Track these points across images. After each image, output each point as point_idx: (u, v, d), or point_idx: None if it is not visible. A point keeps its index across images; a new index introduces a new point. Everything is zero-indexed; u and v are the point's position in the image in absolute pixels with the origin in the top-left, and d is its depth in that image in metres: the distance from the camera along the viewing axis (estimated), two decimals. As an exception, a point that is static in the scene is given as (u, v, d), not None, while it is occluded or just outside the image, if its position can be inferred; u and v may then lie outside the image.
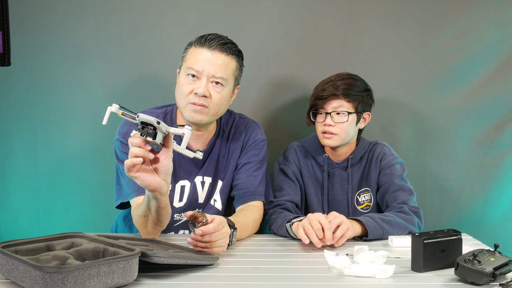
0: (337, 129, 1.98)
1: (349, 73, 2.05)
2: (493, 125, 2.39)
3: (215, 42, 1.80)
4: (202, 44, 1.81)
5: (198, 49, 1.81)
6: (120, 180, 1.84)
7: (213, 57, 1.79)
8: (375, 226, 1.75)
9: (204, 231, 1.49)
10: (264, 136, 1.99)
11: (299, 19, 2.37)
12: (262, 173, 1.94)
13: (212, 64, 1.79)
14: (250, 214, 1.84)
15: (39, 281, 1.17)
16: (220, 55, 1.80)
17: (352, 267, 1.41)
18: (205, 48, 1.80)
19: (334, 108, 1.98)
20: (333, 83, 1.99)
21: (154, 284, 1.32)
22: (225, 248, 1.57)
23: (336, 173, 2.07)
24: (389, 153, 2.06)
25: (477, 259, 1.32)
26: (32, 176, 2.34)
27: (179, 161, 1.89)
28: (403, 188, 1.97)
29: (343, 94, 1.97)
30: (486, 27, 2.37)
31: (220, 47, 1.81)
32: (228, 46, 1.82)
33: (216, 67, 1.79)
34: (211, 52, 1.80)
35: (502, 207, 2.40)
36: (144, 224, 1.67)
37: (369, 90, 2.05)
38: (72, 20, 2.31)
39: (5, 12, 1.55)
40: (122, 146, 1.83)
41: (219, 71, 1.80)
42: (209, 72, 1.78)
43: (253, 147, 1.95)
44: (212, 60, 1.79)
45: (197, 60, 1.79)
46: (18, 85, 2.31)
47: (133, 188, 1.79)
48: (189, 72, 1.80)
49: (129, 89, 2.34)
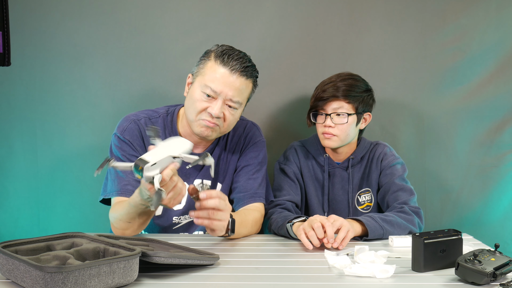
0: (337, 130, 1.98)
1: (350, 73, 2.04)
2: (493, 125, 2.39)
3: (238, 65, 1.75)
4: (224, 63, 1.75)
5: (219, 67, 1.76)
6: (108, 176, 1.85)
7: (233, 80, 1.75)
8: (375, 226, 1.75)
9: (208, 194, 1.51)
10: (263, 137, 1.99)
11: (299, 19, 2.37)
12: (262, 175, 1.94)
13: (231, 87, 1.75)
14: (249, 212, 1.84)
15: (40, 281, 1.17)
16: (241, 79, 1.76)
17: (353, 267, 1.41)
18: (226, 68, 1.75)
19: (334, 110, 1.97)
20: (334, 84, 1.98)
21: (154, 284, 1.32)
22: (225, 225, 1.59)
23: (337, 173, 2.07)
24: (389, 154, 2.06)
25: (477, 259, 1.32)
26: (32, 176, 2.34)
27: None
28: (403, 189, 1.97)
29: (343, 95, 1.96)
30: (486, 27, 2.37)
31: (242, 70, 1.76)
32: (249, 70, 1.78)
33: (234, 91, 1.76)
34: (232, 74, 1.75)
35: (502, 207, 2.40)
36: (124, 227, 1.70)
37: (370, 90, 2.04)
38: (72, 20, 2.31)
39: (5, 12, 1.55)
40: (118, 142, 1.83)
41: (237, 95, 1.77)
42: (227, 95, 1.75)
43: (252, 149, 1.94)
44: (231, 83, 1.75)
45: (216, 80, 1.74)
46: (18, 85, 2.31)
47: (117, 187, 1.79)
48: (205, 90, 1.75)
49: (129, 89, 2.33)
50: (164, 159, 1.43)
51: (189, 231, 1.94)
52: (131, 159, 1.81)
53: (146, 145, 1.85)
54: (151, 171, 1.41)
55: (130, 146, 1.83)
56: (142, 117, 1.88)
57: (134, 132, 1.84)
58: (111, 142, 1.86)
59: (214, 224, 1.55)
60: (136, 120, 1.86)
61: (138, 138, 1.84)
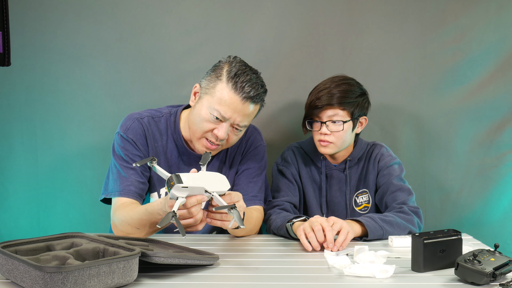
0: (333, 137, 1.96)
1: (344, 77, 2.00)
2: (493, 125, 2.39)
3: (251, 93, 1.72)
4: (237, 90, 1.71)
5: (230, 92, 1.72)
6: (109, 174, 1.84)
7: (243, 107, 1.73)
8: (375, 227, 1.75)
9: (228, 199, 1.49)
10: (264, 142, 1.99)
11: (299, 19, 2.36)
12: (262, 179, 1.94)
13: (240, 114, 1.73)
14: (252, 211, 1.85)
15: (39, 281, 1.17)
16: (250, 105, 1.74)
17: (352, 267, 1.41)
18: (238, 95, 1.71)
19: (329, 117, 1.95)
20: (328, 91, 1.94)
21: (154, 284, 1.32)
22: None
23: (334, 174, 2.07)
24: (386, 154, 2.05)
25: (477, 259, 1.32)
26: (32, 176, 2.34)
27: (178, 164, 1.88)
28: (402, 188, 1.97)
29: (338, 102, 1.93)
30: (486, 27, 2.36)
31: (253, 97, 1.73)
32: (260, 96, 1.75)
33: (243, 117, 1.75)
34: (242, 102, 1.72)
35: (502, 207, 2.40)
36: (130, 232, 1.69)
37: (365, 94, 2.01)
38: (72, 20, 2.31)
39: (5, 12, 1.55)
40: (122, 141, 1.82)
41: (245, 120, 1.76)
42: (236, 120, 1.74)
43: (253, 153, 1.94)
44: (241, 110, 1.73)
45: (226, 106, 1.72)
46: (18, 85, 2.31)
47: (119, 187, 1.78)
48: (214, 113, 1.73)
49: (129, 89, 2.33)
50: (197, 188, 1.42)
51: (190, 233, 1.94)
52: (134, 158, 1.81)
53: (149, 144, 1.85)
54: (178, 191, 1.40)
55: (133, 145, 1.83)
56: (146, 116, 1.88)
57: (138, 131, 1.84)
58: (113, 141, 1.85)
59: (225, 224, 1.54)
60: (139, 118, 1.86)
61: (141, 137, 1.84)
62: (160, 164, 1.85)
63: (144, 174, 1.83)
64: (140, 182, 1.81)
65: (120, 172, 1.80)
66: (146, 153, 1.84)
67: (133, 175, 1.80)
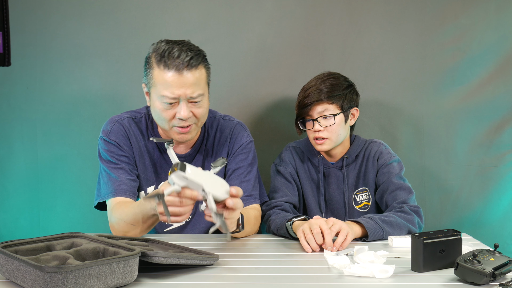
0: (326, 133, 1.97)
1: (329, 72, 2.03)
2: (493, 125, 2.39)
3: (181, 62, 1.66)
4: (168, 67, 1.67)
5: (164, 72, 1.68)
6: (100, 180, 1.84)
7: (184, 79, 1.67)
8: (375, 228, 1.75)
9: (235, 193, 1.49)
10: (251, 137, 1.95)
11: (299, 19, 2.37)
12: (254, 176, 1.92)
13: (186, 85, 1.67)
14: (249, 210, 1.84)
15: (39, 281, 1.17)
16: (191, 72, 1.68)
17: (352, 267, 1.41)
18: (172, 70, 1.66)
19: (319, 113, 1.96)
20: (315, 88, 1.96)
21: (154, 284, 1.32)
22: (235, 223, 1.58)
23: (332, 173, 2.07)
24: (385, 152, 2.05)
25: (477, 259, 1.32)
26: (32, 176, 2.34)
27: (161, 163, 1.88)
28: (402, 187, 1.96)
29: (325, 97, 1.95)
30: (486, 27, 2.37)
31: (187, 64, 1.67)
32: (194, 59, 1.68)
33: (191, 87, 1.68)
34: (180, 73, 1.66)
35: (502, 207, 2.40)
36: (126, 229, 1.69)
37: (352, 86, 2.03)
38: (72, 20, 2.31)
39: (5, 12, 1.55)
40: (105, 145, 1.83)
41: (195, 90, 1.69)
42: (186, 94, 1.69)
43: (241, 151, 1.91)
44: (184, 82, 1.67)
45: (169, 86, 1.67)
46: (18, 85, 2.31)
47: (111, 188, 1.78)
48: (164, 100, 1.69)
49: (129, 89, 2.34)
50: (196, 183, 1.42)
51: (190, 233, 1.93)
52: (120, 159, 1.82)
53: (132, 144, 1.85)
54: (178, 179, 1.40)
55: (117, 146, 1.83)
56: (125, 118, 1.88)
57: (120, 132, 1.84)
58: (98, 146, 1.85)
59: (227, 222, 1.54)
60: (119, 120, 1.86)
61: (124, 137, 1.84)
62: (144, 164, 1.86)
63: (132, 172, 1.84)
64: (130, 180, 1.81)
65: (110, 175, 1.80)
66: (131, 152, 1.84)
67: (122, 175, 1.80)
